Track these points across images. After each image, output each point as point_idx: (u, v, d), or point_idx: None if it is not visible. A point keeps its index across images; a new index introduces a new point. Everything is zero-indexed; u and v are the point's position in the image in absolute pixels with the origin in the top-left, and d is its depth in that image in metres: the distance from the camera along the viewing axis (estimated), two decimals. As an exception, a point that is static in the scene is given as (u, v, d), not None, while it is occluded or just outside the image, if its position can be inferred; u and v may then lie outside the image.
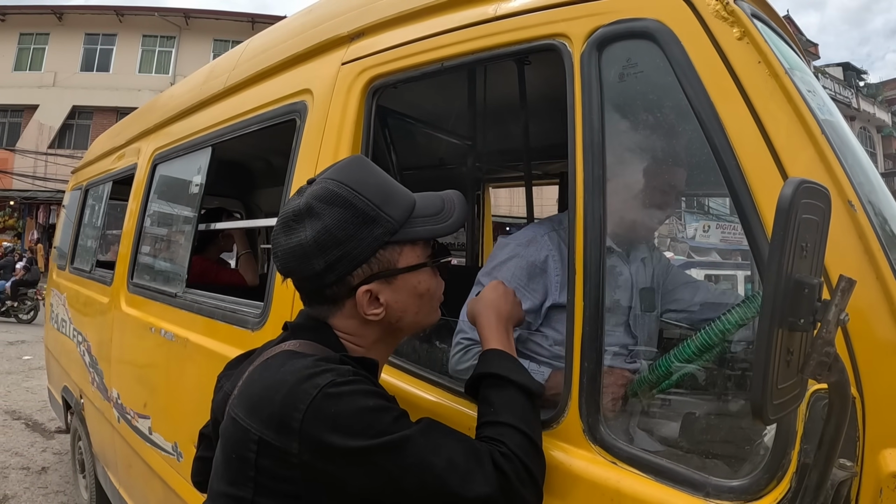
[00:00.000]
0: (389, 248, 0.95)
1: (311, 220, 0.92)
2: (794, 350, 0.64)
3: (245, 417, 0.86)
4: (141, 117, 3.27)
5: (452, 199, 1.03)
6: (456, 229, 1.01)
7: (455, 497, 0.83)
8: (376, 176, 0.99)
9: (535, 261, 1.39)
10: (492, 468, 0.85)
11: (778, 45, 0.99)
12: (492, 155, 2.88)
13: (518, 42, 1.17)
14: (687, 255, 14.38)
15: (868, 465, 0.77)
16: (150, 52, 21.25)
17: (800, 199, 0.60)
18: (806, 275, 0.63)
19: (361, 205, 0.93)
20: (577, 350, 0.98)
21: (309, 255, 0.92)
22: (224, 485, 0.89)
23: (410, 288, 0.98)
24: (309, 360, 0.88)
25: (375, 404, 0.84)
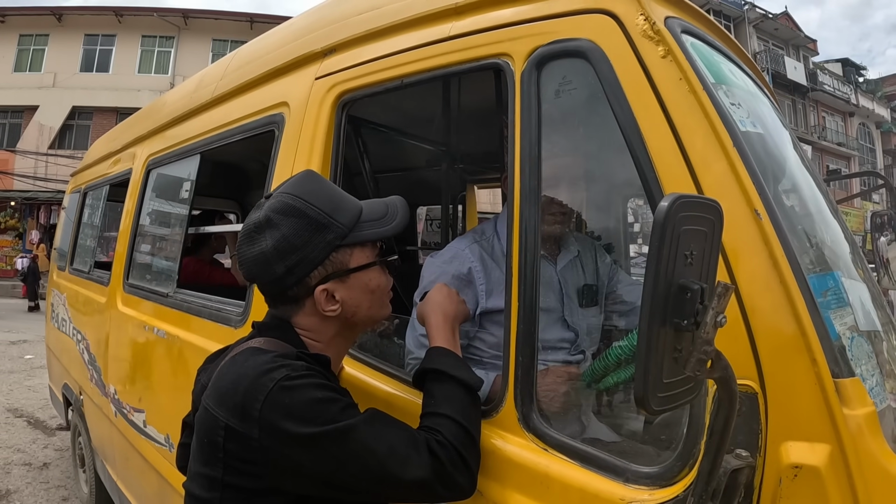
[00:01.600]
0: (341, 250, 1.06)
1: (271, 230, 1.04)
2: (681, 348, 0.71)
3: (214, 406, 0.97)
4: (136, 123, 3.36)
5: (395, 204, 1.15)
6: (399, 230, 1.12)
7: (394, 479, 0.93)
8: (326, 188, 1.11)
9: (459, 273, 1.47)
10: (427, 454, 0.94)
11: (708, 61, 1.06)
12: (473, 156, 2.95)
13: (468, 60, 1.24)
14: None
15: (770, 456, 0.84)
16: (150, 53, 21.24)
17: (677, 213, 0.67)
18: (690, 280, 0.70)
19: (314, 214, 1.04)
20: (513, 347, 1.06)
21: (270, 261, 1.04)
22: (199, 466, 1.00)
23: (362, 285, 1.09)
24: (268, 357, 0.98)
25: (324, 396, 0.95)
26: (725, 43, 1.31)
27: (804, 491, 0.81)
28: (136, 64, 21.01)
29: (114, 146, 3.57)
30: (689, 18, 1.16)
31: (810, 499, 0.80)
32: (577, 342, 1.47)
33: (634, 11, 1.02)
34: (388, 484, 0.94)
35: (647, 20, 1.01)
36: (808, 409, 0.83)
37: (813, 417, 0.83)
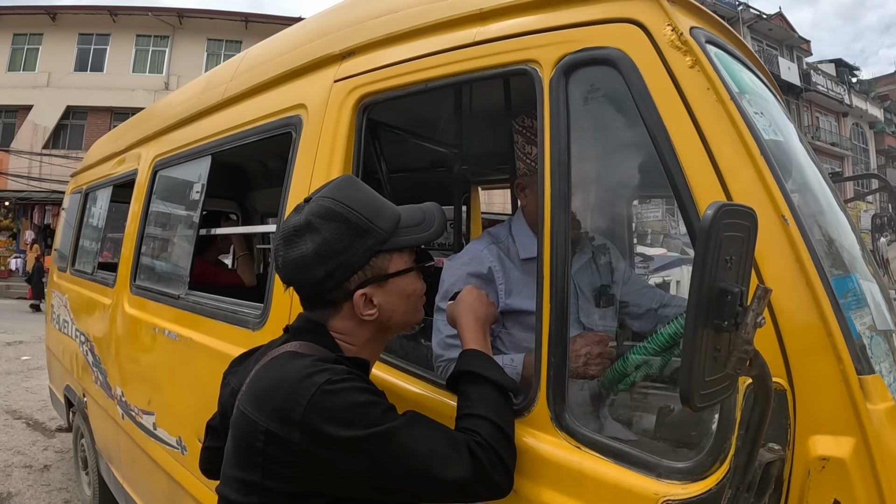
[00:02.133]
0: (381, 255, 1.08)
1: (311, 235, 1.05)
2: (720, 348, 0.74)
3: (253, 411, 0.98)
4: (140, 124, 3.36)
5: (432, 210, 1.17)
6: (437, 237, 1.14)
7: (436, 480, 0.95)
8: (366, 193, 1.12)
9: (478, 273, 1.51)
10: (468, 455, 0.96)
11: (731, 70, 1.10)
12: (479, 158, 2.98)
13: (495, 66, 1.27)
14: (681, 252, 14.46)
15: (798, 449, 0.88)
16: (144, 52, 21.23)
17: (720, 220, 0.71)
18: (730, 283, 0.74)
19: (355, 219, 1.06)
20: (545, 348, 1.09)
21: (310, 265, 1.05)
22: (235, 470, 1.01)
23: (399, 290, 1.11)
24: (308, 360, 1.00)
25: (366, 399, 0.97)
26: (741, 50, 1.34)
27: (831, 481, 0.85)
28: (131, 63, 20.99)
29: (117, 147, 3.57)
30: (711, 28, 1.20)
31: (836, 489, 0.84)
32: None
33: (661, 21, 1.06)
34: (430, 485, 0.96)
35: (674, 30, 1.04)
36: (833, 405, 0.87)
37: (838, 412, 0.87)
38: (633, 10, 1.09)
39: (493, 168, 3.17)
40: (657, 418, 1.15)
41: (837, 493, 0.84)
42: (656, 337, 1.17)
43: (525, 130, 1.56)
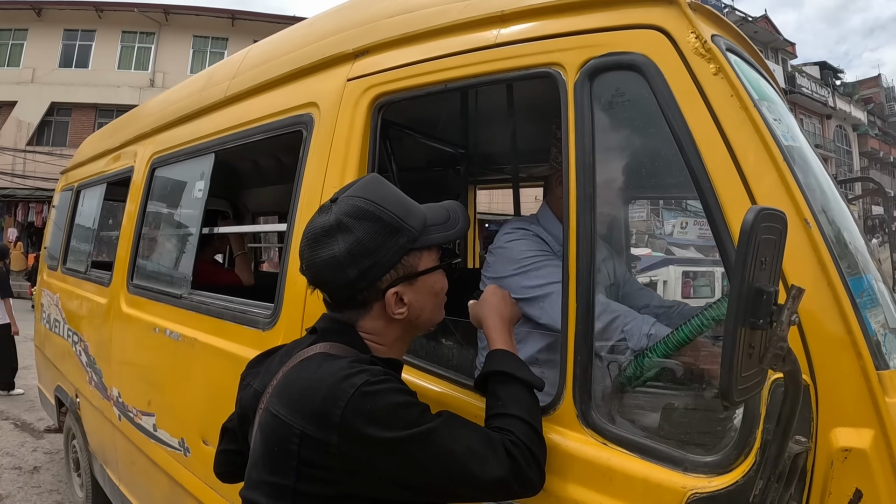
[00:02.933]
0: (412, 254, 1.08)
1: (343, 234, 1.04)
2: (755, 345, 0.78)
3: (287, 414, 0.97)
4: (136, 121, 3.32)
5: (455, 208, 1.17)
6: (463, 234, 1.16)
7: (474, 479, 0.95)
8: (394, 192, 1.12)
9: (545, 249, 1.56)
10: (504, 454, 0.97)
11: (750, 78, 1.13)
12: (478, 158, 3.01)
13: (517, 68, 1.29)
14: (665, 252, 14.61)
15: (821, 441, 0.91)
16: (130, 49, 20.95)
17: (759, 223, 0.74)
18: (765, 283, 0.77)
19: (387, 218, 1.06)
20: (571, 346, 1.11)
21: (343, 265, 1.03)
22: (265, 474, 0.99)
23: (428, 287, 1.12)
24: (344, 362, 0.99)
25: (404, 400, 0.97)
26: (755, 58, 1.38)
27: (853, 471, 0.89)
28: (116, 60, 20.72)
29: (110, 144, 3.52)
30: (728, 36, 1.23)
31: (858, 479, 0.88)
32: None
33: (685, 29, 1.09)
34: (468, 484, 0.96)
35: (697, 38, 1.07)
36: (853, 399, 0.92)
37: (858, 405, 0.91)
38: (656, 17, 1.12)
39: (490, 168, 3.20)
40: (677, 414, 1.18)
41: (859, 483, 0.88)
42: (677, 333, 1.20)
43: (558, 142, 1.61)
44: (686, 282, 10.99)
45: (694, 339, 1.19)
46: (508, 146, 2.58)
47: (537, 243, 1.55)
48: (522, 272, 1.51)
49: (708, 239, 18.68)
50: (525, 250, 1.54)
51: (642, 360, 1.22)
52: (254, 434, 1.08)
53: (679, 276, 11.54)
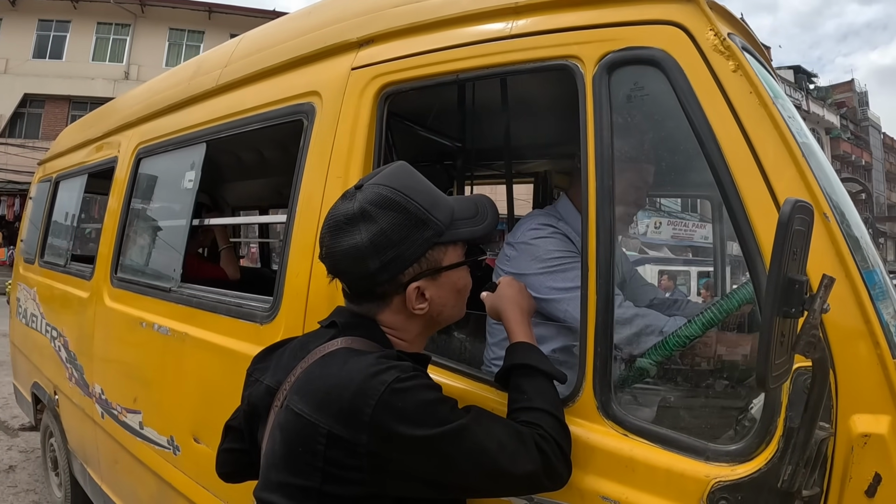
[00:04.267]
0: (437, 248, 1.05)
1: (367, 224, 1.00)
2: (786, 333, 0.79)
3: (312, 413, 0.94)
4: (119, 110, 3.24)
5: (484, 203, 1.14)
6: (492, 230, 1.11)
7: (506, 475, 0.94)
8: (422, 182, 1.08)
9: (571, 248, 1.55)
10: (535, 449, 0.96)
11: (764, 76, 1.15)
12: (471, 153, 3.01)
13: (532, 60, 1.29)
14: (639, 251, 14.83)
15: (841, 428, 0.94)
16: (105, 40, 20.50)
17: (794, 215, 0.75)
18: (796, 273, 0.79)
19: (414, 209, 1.02)
20: (591, 338, 1.12)
21: (365, 256, 1.00)
22: (287, 475, 0.96)
23: (451, 284, 1.08)
24: (372, 358, 0.96)
25: (435, 397, 0.95)
26: (765, 59, 1.41)
27: (872, 456, 0.91)
28: (91, 51, 20.26)
29: (91, 133, 3.42)
30: (741, 35, 1.25)
31: (877, 463, 0.91)
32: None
33: (704, 26, 1.10)
34: (499, 480, 0.95)
35: (716, 35, 1.09)
36: (872, 386, 0.94)
37: (875, 392, 0.94)
38: (675, 14, 1.13)
39: (487, 163, 3.20)
40: (696, 404, 1.20)
41: (878, 467, 0.90)
42: (689, 326, 1.22)
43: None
44: (661, 280, 11.18)
45: (709, 329, 1.21)
46: (507, 141, 2.58)
47: (565, 243, 1.54)
48: (549, 272, 1.50)
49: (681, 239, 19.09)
50: (553, 250, 1.53)
51: (658, 351, 1.23)
52: (268, 433, 1.04)
53: (655, 275, 11.72)
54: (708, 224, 17.95)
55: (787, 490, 0.89)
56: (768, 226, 0.99)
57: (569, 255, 1.52)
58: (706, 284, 9.78)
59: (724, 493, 0.95)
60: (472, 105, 2.34)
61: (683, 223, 19.67)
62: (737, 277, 2.38)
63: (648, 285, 1.92)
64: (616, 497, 1.04)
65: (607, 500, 1.05)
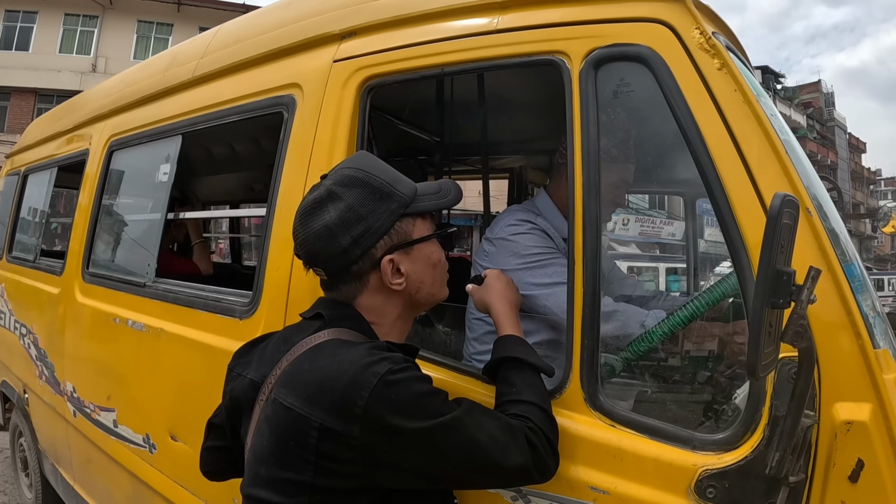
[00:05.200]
0: (405, 220, 1.07)
1: (334, 203, 1.03)
2: (774, 324, 0.81)
3: (303, 406, 0.93)
4: (90, 102, 3.15)
5: (447, 183, 1.17)
6: (455, 203, 1.15)
7: (497, 467, 0.95)
8: (384, 164, 1.12)
9: (551, 245, 1.56)
10: (525, 441, 0.97)
11: (747, 75, 1.17)
12: (448, 148, 3.01)
13: (519, 55, 1.30)
14: (607, 248, 14.96)
15: (825, 416, 0.96)
16: (72, 32, 20.09)
17: (783, 209, 0.77)
18: (784, 266, 0.81)
19: (376, 183, 1.05)
20: (578, 331, 1.13)
21: (335, 233, 1.02)
22: (277, 470, 0.95)
23: (425, 258, 1.10)
24: (363, 349, 0.96)
25: (427, 389, 0.95)
26: (747, 60, 1.44)
27: (855, 443, 0.94)
28: (58, 43, 19.84)
29: (61, 126, 3.33)
30: (725, 35, 1.28)
31: (860, 449, 0.93)
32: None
33: (690, 25, 1.12)
34: (490, 472, 0.96)
35: (702, 34, 1.11)
36: (853, 375, 0.97)
37: (857, 381, 0.97)
38: (661, 12, 1.15)
39: (464, 159, 3.20)
40: (682, 395, 1.22)
41: (861, 453, 0.93)
42: (672, 318, 1.24)
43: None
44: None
45: (692, 321, 1.23)
46: (484, 137, 2.59)
47: (544, 239, 1.55)
48: (528, 268, 1.50)
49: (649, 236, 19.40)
50: (532, 246, 1.53)
51: (643, 343, 1.25)
52: (254, 428, 1.03)
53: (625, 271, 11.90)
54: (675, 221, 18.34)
55: (774, 476, 0.92)
56: (753, 220, 1.02)
57: (548, 251, 1.53)
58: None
59: (711, 480, 0.97)
60: (450, 100, 2.34)
61: (651, 220, 19.98)
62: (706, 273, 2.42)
63: (629, 279, 1.95)
64: (605, 487, 1.06)
65: (596, 490, 1.06)
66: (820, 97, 43.21)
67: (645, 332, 1.27)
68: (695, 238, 2.30)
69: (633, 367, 1.26)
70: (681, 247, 5.29)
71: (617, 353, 1.28)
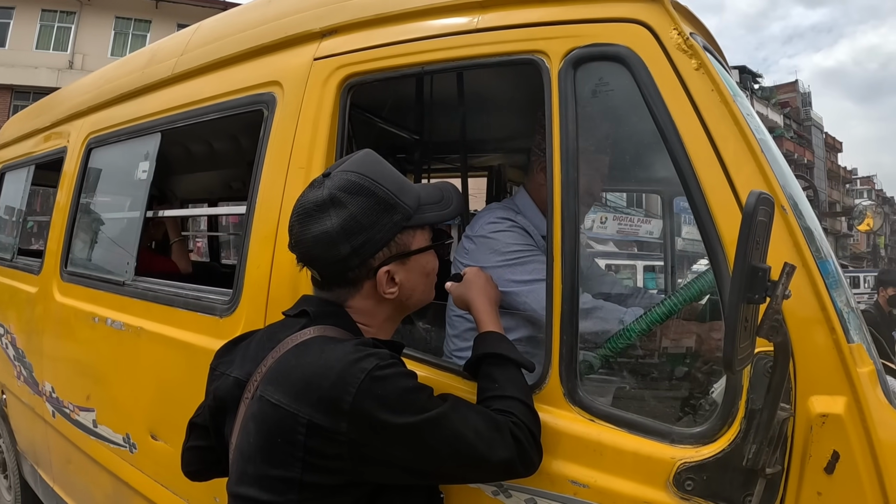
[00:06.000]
0: (405, 232, 1.07)
1: (336, 209, 1.01)
2: (749, 319, 0.83)
3: (290, 403, 0.93)
4: (68, 99, 3.11)
5: (449, 189, 1.17)
6: (457, 215, 1.15)
7: (483, 462, 0.96)
8: (389, 168, 1.10)
9: (528, 241, 1.57)
10: (510, 436, 0.98)
11: (723, 75, 1.19)
12: (427, 146, 3.01)
13: (498, 54, 1.31)
14: (585, 246, 15.11)
15: (800, 409, 0.98)
16: (49, 28, 19.75)
17: (759, 206, 0.79)
18: (759, 262, 0.82)
19: (382, 194, 1.04)
20: (557, 326, 1.14)
21: (336, 241, 1.01)
22: (265, 467, 0.95)
23: (420, 268, 1.10)
24: (349, 346, 0.97)
25: (414, 385, 0.96)
26: (724, 60, 1.46)
27: (830, 435, 0.96)
28: (35, 39, 19.50)
29: (39, 123, 3.27)
30: (702, 35, 1.30)
31: (835, 441, 0.95)
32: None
33: (668, 25, 1.14)
34: (476, 466, 0.97)
35: (680, 34, 1.13)
36: (828, 369, 0.99)
37: (832, 375, 0.99)
38: (640, 12, 1.16)
39: (443, 156, 3.20)
40: (660, 390, 1.24)
41: (836, 445, 0.95)
42: (650, 315, 1.26)
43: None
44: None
45: (669, 318, 1.24)
46: (463, 135, 2.60)
47: (524, 237, 1.56)
48: (508, 265, 1.51)
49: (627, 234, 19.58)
50: (511, 243, 1.55)
51: (622, 339, 1.27)
52: (239, 426, 1.03)
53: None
54: (653, 219, 18.53)
55: (751, 468, 0.94)
56: (729, 217, 1.03)
57: (527, 248, 1.54)
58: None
59: (690, 473, 0.99)
60: (430, 98, 2.34)
61: (629, 218, 20.17)
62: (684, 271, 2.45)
63: (608, 276, 1.97)
64: (585, 481, 1.07)
65: (576, 484, 1.08)
66: (797, 97, 43.86)
67: (623, 328, 1.29)
68: (672, 236, 2.34)
69: (613, 362, 1.27)
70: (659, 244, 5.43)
71: (596, 350, 1.29)
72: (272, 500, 0.94)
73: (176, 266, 3.30)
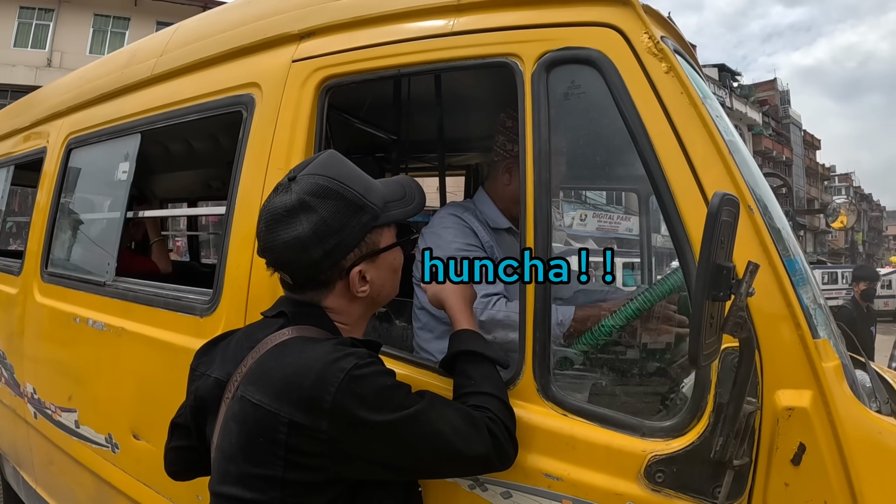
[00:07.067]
0: (374, 231, 1.08)
1: (307, 214, 1.02)
2: (715, 315, 0.86)
3: (271, 402, 0.94)
4: (47, 99, 3.08)
5: (409, 183, 1.19)
6: (420, 210, 1.16)
7: (460, 457, 0.98)
8: (354, 169, 1.11)
9: (473, 244, 1.60)
10: (486, 431, 1.01)
11: (694, 78, 1.22)
12: (405, 146, 3.03)
13: (474, 57, 1.33)
14: (564, 243, 15.26)
15: (767, 402, 1.02)
16: (27, 26, 19.50)
17: (723, 207, 0.81)
18: (724, 260, 0.85)
19: (350, 196, 1.05)
20: (530, 324, 1.17)
21: (307, 246, 1.01)
22: (247, 466, 0.97)
23: (388, 264, 1.13)
24: (328, 345, 0.98)
25: (392, 382, 0.98)
26: (695, 62, 1.49)
27: (796, 428, 0.99)
28: (13, 37, 19.22)
29: (18, 123, 3.24)
30: (673, 38, 1.33)
31: (801, 434, 0.99)
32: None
33: (639, 29, 1.17)
34: (453, 461, 0.99)
35: (650, 38, 1.15)
36: (794, 364, 1.02)
37: (798, 370, 1.02)
38: (611, 16, 1.19)
39: (421, 156, 3.22)
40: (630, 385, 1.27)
41: (802, 437, 0.98)
42: (623, 311, 1.29)
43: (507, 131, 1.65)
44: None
45: (640, 314, 1.28)
46: (440, 134, 2.63)
47: (466, 235, 1.59)
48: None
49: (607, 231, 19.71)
50: (452, 240, 1.58)
51: (593, 335, 1.30)
52: (221, 425, 1.04)
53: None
54: (632, 217, 18.68)
55: (718, 460, 0.97)
56: (697, 217, 1.06)
57: (467, 248, 1.57)
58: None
59: (660, 465, 1.02)
60: (407, 99, 2.36)
61: (609, 216, 20.31)
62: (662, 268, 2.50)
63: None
64: (558, 474, 1.10)
65: (550, 477, 1.10)
66: (776, 95, 44.38)
67: (596, 326, 1.32)
68: (649, 233, 2.37)
69: (585, 358, 1.30)
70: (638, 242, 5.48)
71: (568, 346, 1.32)
72: (255, 499, 0.96)
73: (156, 266, 3.28)
